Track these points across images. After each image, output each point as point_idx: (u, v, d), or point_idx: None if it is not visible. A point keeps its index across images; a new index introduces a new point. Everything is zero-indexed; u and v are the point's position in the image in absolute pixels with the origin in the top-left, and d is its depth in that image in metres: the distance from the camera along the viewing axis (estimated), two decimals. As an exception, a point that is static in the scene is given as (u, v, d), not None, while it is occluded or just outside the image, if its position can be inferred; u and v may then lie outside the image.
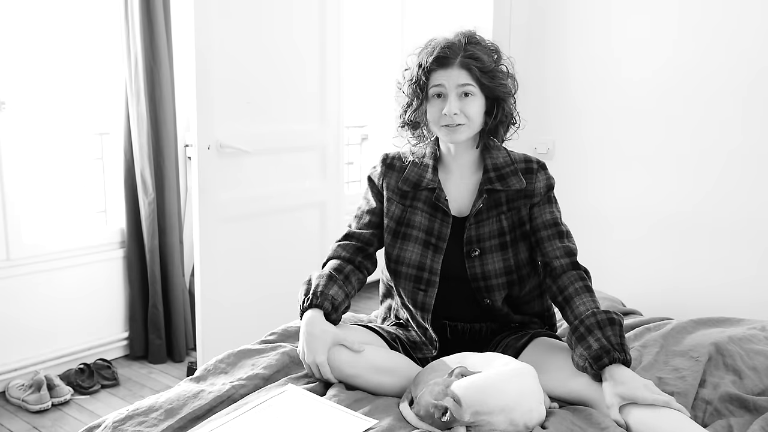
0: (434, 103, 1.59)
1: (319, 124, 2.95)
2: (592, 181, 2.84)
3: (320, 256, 3.01)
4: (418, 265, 1.64)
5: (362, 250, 1.70)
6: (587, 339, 1.43)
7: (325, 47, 2.90)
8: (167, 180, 2.89)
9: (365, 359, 1.52)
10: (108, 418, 1.41)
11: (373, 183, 1.74)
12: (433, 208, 1.65)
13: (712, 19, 2.45)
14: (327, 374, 1.50)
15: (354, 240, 1.71)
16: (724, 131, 2.47)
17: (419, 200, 1.66)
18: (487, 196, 1.63)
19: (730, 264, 2.51)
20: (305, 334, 1.52)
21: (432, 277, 1.63)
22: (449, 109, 1.55)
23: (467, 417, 1.29)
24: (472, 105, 1.56)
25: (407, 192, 1.68)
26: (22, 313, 2.69)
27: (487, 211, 1.63)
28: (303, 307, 1.58)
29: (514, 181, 1.63)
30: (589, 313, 1.47)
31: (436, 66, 1.57)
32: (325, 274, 1.63)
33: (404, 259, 1.65)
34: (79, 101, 2.89)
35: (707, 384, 1.56)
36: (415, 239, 1.64)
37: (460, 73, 1.55)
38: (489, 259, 1.62)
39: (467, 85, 1.55)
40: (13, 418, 2.45)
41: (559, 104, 2.89)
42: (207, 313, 2.60)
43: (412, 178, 1.67)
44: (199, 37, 2.42)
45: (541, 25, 2.90)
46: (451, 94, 1.56)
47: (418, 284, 1.64)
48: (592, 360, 1.40)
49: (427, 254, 1.64)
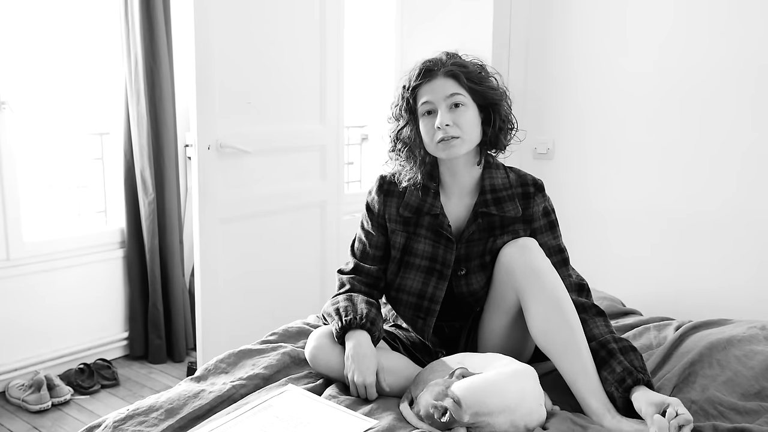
0: (426, 121, 1.54)
1: (319, 124, 2.95)
2: (592, 181, 2.84)
3: (320, 256, 3.01)
4: (418, 293, 1.61)
5: (375, 286, 1.68)
6: (610, 362, 1.44)
7: (325, 47, 2.90)
8: (167, 180, 2.89)
9: None
10: (108, 418, 1.41)
11: (374, 214, 1.68)
12: (436, 234, 1.61)
13: (714, 18, 2.45)
14: (372, 395, 1.48)
15: (364, 276, 1.67)
16: (724, 131, 2.48)
17: (422, 226, 1.62)
18: (480, 220, 1.60)
19: (730, 264, 2.51)
20: (356, 355, 1.48)
21: (432, 306, 1.61)
22: (441, 121, 1.49)
23: (467, 418, 1.29)
24: (464, 115, 1.51)
25: (409, 218, 1.63)
26: (22, 313, 2.69)
27: (479, 232, 1.60)
28: (347, 324, 1.54)
29: (509, 207, 1.59)
30: (609, 338, 1.48)
31: (422, 81, 1.53)
32: (363, 299, 1.60)
33: (405, 287, 1.63)
34: (79, 101, 2.89)
35: (696, 385, 1.55)
36: (418, 267, 1.61)
37: (446, 82, 1.51)
38: (473, 278, 1.61)
39: (456, 95, 1.51)
40: (13, 418, 2.45)
41: (559, 104, 2.89)
42: (207, 313, 2.59)
43: (413, 203, 1.62)
44: (199, 37, 2.42)
45: (541, 25, 2.90)
46: (441, 106, 1.51)
47: (418, 312, 1.62)
48: (617, 383, 1.40)
49: (430, 281, 1.61)
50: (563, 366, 1.46)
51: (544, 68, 2.91)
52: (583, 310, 1.54)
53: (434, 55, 1.57)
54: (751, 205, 2.44)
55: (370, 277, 1.66)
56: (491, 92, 1.54)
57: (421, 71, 1.53)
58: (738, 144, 2.45)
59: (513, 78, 2.95)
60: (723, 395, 1.51)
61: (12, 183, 2.61)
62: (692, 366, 1.62)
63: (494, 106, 1.55)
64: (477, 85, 1.52)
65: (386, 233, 1.66)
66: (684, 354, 1.69)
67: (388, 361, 1.55)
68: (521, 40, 2.95)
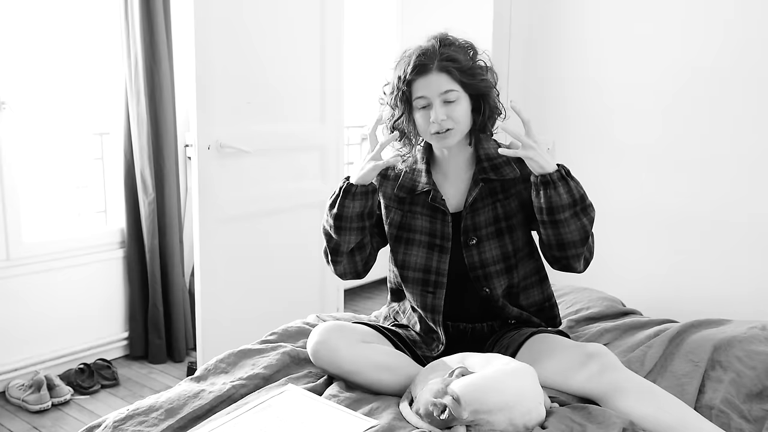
0: (421, 115, 1.61)
1: (319, 124, 2.95)
2: (591, 181, 2.83)
3: (320, 256, 3.00)
4: (423, 268, 1.66)
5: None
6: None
7: (325, 47, 2.90)
8: (167, 180, 2.89)
9: (366, 356, 1.53)
10: (108, 418, 1.41)
11: None
12: (431, 209, 1.67)
13: (714, 19, 2.45)
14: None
15: None
16: (725, 131, 2.47)
17: (417, 204, 1.68)
18: (482, 185, 1.64)
19: (730, 264, 2.51)
20: (360, 170, 1.60)
21: (439, 279, 1.65)
22: (436, 117, 1.56)
23: (466, 415, 1.29)
24: (457, 108, 1.58)
25: (404, 198, 1.70)
26: (22, 313, 2.69)
27: (482, 199, 1.65)
28: (342, 189, 1.62)
29: (507, 171, 1.65)
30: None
31: (416, 75, 1.58)
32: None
33: (409, 263, 1.68)
34: (79, 101, 2.89)
35: (707, 388, 1.56)
36: (419, 243, 1.66)
37: (440, 77, 1.57)
38: (486, 246, 1.64)
39: (450, 92, 1.57)
40: (13, 418, 2.45)
41: (559, 104, 2.89)
42: (207, 313, 2.60)
43: (407, 184, 1.70)
44: (199, 37, 2.42)
45: (541, 25, 2.90)
46: (436, 102, 1.57)
47: (426, 287, 1.66)
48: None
49: (432, 256, 1.65)
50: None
51: (545, 68, 2.91)
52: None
53: (425, 43, 1.61)
54: (751, 205, 2.44)
55: None
56: (482, 84, 1.61)
57: (415, 67, 1.58)
58: (738, 144, 2.45)
59: (513, 77, 2.95)
60: (731, 397, 1.51)
61: (12, 183, 2.61)
62: (697, 366, 1.62)
63: (484, 96, 1.63)
64: (469, 77, 1.59)
65: (380, 209, 1.73)
66: (686, 353, 1.69)
67: (389, 359, 1.56)
68: (522, 40, 2.95)
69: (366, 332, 1.63)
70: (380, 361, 1.53)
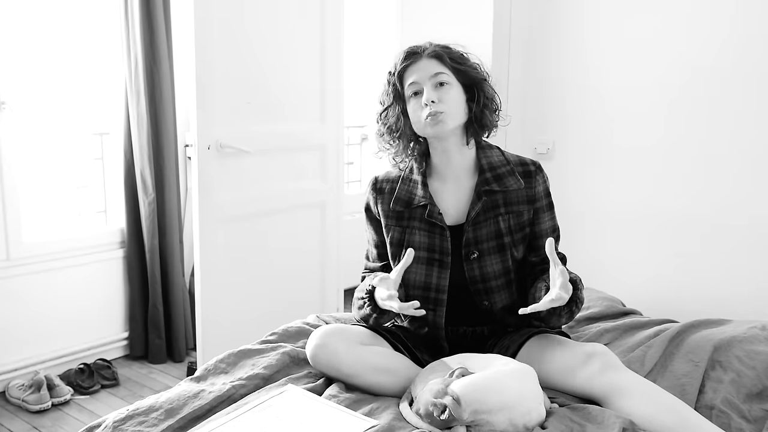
0: (413, 102, 1.61)
1: (319, 124, 2.95)
2: (591, 181, 2.84)
3: (320, 256, 3.01)
4: (423, 285, 1.64)
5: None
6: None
7: (325, 47, 2.90)
8: (167, 180, 2.89)
9: (365, 359, 1.53)
10: (108, 418, 1.41)
11: (370, 214, 1.75)
12: (429, 224, 1.64)
13: (714, 20, 2.45)
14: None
15: (371, 273, 1.75)
16: (724, 133, 2.48)
17: (414, 219, 1.66)
18: (485, 198, 1.62)
19: (730, 265, 2.51)
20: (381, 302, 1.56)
21: (439, 296, 1.63)
22: (427, 98, 1.56)
23: (466, 416, 1.29)
24: (449, 92, 1.58)
25: (402, 212, 1.67)
26: (22, 313, 2.69)
27: (484, 213, 1.62)
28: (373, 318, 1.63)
29: (511, 182, 1.63)
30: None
31: (407, 63, 1.60)
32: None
33: (409, 281, 1.65)
34: (79, 101, 2.89)
35: (707, 388, 1.56)
36: (418, 259, 1.63)
37: (430, 62, 1.59)
38: (488, 261, 1.62)
39: (441, 74, 1.58)
40: (13, 418, 2.45)
41: (559, 104, 2.89)
42: (207, 313, 2.60)
43: (404, 197, 1.67)
44: (198, 37, 2.42)
45: (541, 26, 2.90)
46: (427, 85, 1.58)
47: (426, 305, 1.63)
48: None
49: (432, 272, 1.63)
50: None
51: (545, 68, 2.91)
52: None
53: (418, 43, 1.65)
54: (751, 206, 2.44)
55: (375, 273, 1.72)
56: (473, 71, 1.62)
57: (406, 55, 1.61)
58: (738, 144, 2.45)
59: (513, 78, 2.95)
60: (732, 397, 1.51)
61: (12, 183, 2.61)
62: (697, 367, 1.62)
63: (477, 84, 1.62)
64: (460, 64, 1.60)
65: (382, 231, 1.71)
66: (686, 353, 1.69)
67: (388, 361, 1.56)
68: (522, 40, 2.95)
69: (365, 334, 1.62)
70: (379, 364, 1.53)
